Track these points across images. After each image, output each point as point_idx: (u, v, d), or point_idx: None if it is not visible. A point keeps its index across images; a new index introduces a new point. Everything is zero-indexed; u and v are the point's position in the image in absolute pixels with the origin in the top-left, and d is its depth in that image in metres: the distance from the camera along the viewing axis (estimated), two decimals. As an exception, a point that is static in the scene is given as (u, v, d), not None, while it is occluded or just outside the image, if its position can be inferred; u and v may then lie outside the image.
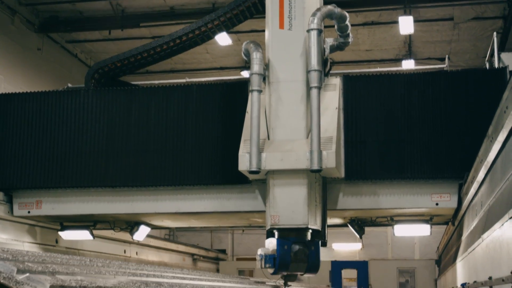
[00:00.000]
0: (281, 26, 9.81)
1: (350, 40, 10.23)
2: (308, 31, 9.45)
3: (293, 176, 9.34)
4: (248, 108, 9.73)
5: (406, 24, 17.10)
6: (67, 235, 13.02)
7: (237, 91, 11.17)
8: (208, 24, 12.06)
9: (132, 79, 14.39)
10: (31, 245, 13.09)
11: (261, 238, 9.81)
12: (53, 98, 11.81)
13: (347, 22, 9.93)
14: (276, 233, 9.38)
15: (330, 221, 11.90)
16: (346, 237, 24.94)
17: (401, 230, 12.11)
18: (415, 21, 17.36)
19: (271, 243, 9.44)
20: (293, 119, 9.56)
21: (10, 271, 3.40)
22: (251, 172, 9.36)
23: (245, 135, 9.68)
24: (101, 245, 15.81)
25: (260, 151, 9.31)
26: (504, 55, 10.70)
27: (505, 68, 10.42)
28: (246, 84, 10.49)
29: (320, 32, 9.46)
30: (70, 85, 12.70)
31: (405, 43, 20.33)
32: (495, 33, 11.32)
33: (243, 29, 17.74)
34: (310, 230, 9.41)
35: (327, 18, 9.73)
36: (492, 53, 11.18)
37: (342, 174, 10.30)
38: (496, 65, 10.69)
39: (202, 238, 28.31)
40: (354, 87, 10.74)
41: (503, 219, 5.85)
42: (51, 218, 12.48)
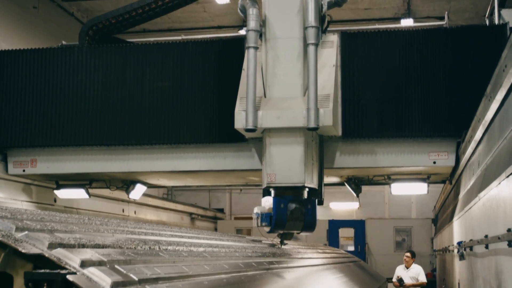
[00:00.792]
0: (278, -19, 9.60)
1: (348, -4, 10.03)
2: (305, -14, 9.25)
3: (290, 134, 9.25)
4: (245, 66, 9.61)
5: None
6: (63, 194, 13.00)
7: (233, 48, 11.02)
8: (204, -20, 11.82)
9: (129, 38, 14.19)
10: (29, 204, 13.09)
11: (259, 197, 9.77)
12: (47, 56, 11.68)
13: (345, -22, 9.71)
14: (273, 192, 9.34)
15: (327, 180, 11.86)
16: (344, 197, 24.98)
17: (398, 189, 12.07)
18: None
19: (268, 202, 9.40)
20: (290, 77, 9.43)
21: (9, 229, 3.43)
22: (247, 130, 9.27)
23: (241, 93, 9.57)
24: (99, 204, 15.84)
25: (257, 109, 9.21)
26: (505, 12, 10.49)
27: (506, 25, 10.23)
28: (243, 41, 10.32)
29: (318, -13, 9.26)
30: (64, 43, 12.53)
31: (404, 1, 20.07)
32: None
33: (241, -14, 17.40)
34: (307, 189, 9.37)
35: (325, -27, 9.52)
36: (492, 10, 10.95)
37: (339, 132, 10.20)
38: (496, 22, 10.49)
39: (200, 198, 28.42)
40: (352, 44, 10.61)
41: (500, 178, 5.80)
42: (47, 177, 12.44)
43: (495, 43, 9.86)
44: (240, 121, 9.28)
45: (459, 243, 10.12)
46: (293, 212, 9.30)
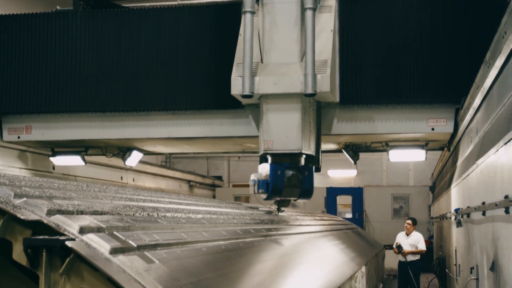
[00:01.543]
0: None
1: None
2: None
3: (287, 101, 9.18)
4: (241, 31, 9.48)
5: None
6: (58, 161, 12.94)
7: (230, 13, 10.84)
8: None
9: (125, 3, 13.99)
10: (27, 172, 13.06)
11: (257, 165, 9.75)
12: (41, 21, 11.49)
13: None
14: (270, 159, 9.30)
15: (324, 147, 11.83)
16: (342, 164, 25.03)
17: (396, 155, 12.02)
18: None
19: (264, 169, 9.37)
20: (287, 42, 9.32)
21: (7, 196, 3.44)
22: (244, 96, 9.18)
23: (238, 58, 9.45)
24: (98, 172, 15.83)
25: (253, 75, 9.12)
26: (506, -24, 10.33)
27: (507, -11, 10.08)
28: (239, 6, 10.14)
29: (316, -51, 9.08)
30: (59, 8, 12.32)
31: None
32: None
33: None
34: (304, 155, 9.33)
35: None
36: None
37: (337, 99, 10.12)
38: (498, -14, 10.35)
39: (199, 165, 28.45)
40: (351, 9, 10.46)
41: (498, 145, 5.78)
42: (42, 144, 12.36)
43: (495, 9, 9.73)
44: (237, 87, 9.18)
45: (456, 210, 10.14)
46: (290, 179, 9.28)
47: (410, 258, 13.80)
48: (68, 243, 3.16)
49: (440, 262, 16.44)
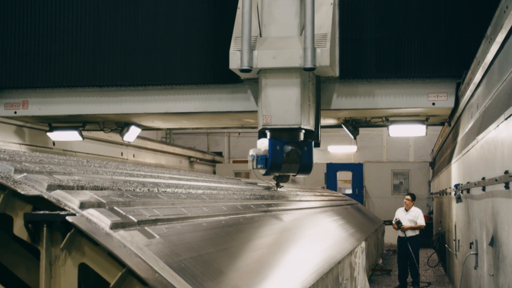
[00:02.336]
0: None
1: None
2: None
3: (286, 75, 9.10)
4: (240, 4, 9.33)
5: None
6: (56, 136, 12.87)
7: (229, -14, 10.70)
8: None
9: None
10: (27, 148, 13.00)
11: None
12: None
13: None
14: (268, 134, 9.24)
15: (324, 122, 11.78)
16: (342, 140, 25.03)
17: (396, 131, 11.95)
18: None
19: (263, 144, 9.32)
20: (286, 15, 9.20)
21: (8, 171, 3.43)
22: (242, 71, 9.09)
23: (236, 32, 9.34)
24: (98, 148, 15.80)
25: (252, 49, 9.01)
26: None
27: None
28: (238, -21, 10.00)
29: None
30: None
31: None
32: None
33: None
34: (303, 131, 9.27)
35: None
36: None
37: (337, 73, 10.03)
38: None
39: (199, 141, 28.46)
40: (351, -18, 10.31)
41: (499, 120, 5.76)
42: (39, 119, 12.28)
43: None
44: (235, 61, 9.09)
45: (456, 186, 10.14)
46: (289, 154, 9.23)
47: (410, 234, 13.83)
48: (69, 218, 3.15)
49: (440, 238, 16.53)
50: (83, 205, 3.39)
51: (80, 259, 3.20)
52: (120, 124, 12.80)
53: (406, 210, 14.04)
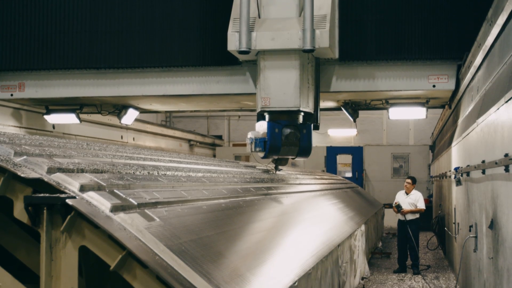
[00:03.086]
0: None
1: None
2: None
3: (285, 57, 9.03)
4: (238, -16, 9.25)
5: None
6: (53, 119, 12.79)
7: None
8: None
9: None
10: (27, 131, 12.95)
11: (257, 124, 9.63)
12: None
13: None
14: (267, 116, 9.20)
15: (323, 104, 11.72)
16: (342, 123, 24.99)
17: (396, 113, 11.89)
18: None
19: (262, 127, 9.27)
20: (286, -4, 9.11)
21: (7, 154, 3.41)
22: (241, 52, 9.02)
23: (235, 13, 9.26)
24: (97, 131, 15.77)
25: (250, 30, 8.94)
26: None
27: None
28: (237, -41, 9.89)
29: None
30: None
31: None
32: None
33: None
34: (302, 113, 9.23)
35: None
36: None
37: (336, 55, 9.95)
38: None
39: (199, 124, 28.42)
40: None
41: (499, 103, 5.73)
42: (35, 101, 12.20)
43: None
44: (233, 43, 9.02)
45: (456, 169, 10.12)
46: (288, 137, 9.18)
47: (410, 217, 13.84)
48: (69, 201, 3.15)
49: (439, 221, 16.54)
50: (83, 188, 3.40)
51: (81, 242, 3.20)
52: (118, 107, 12.73)
53: (407, 194, 14.04)
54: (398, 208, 13.83)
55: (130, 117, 12.93)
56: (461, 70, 9.67)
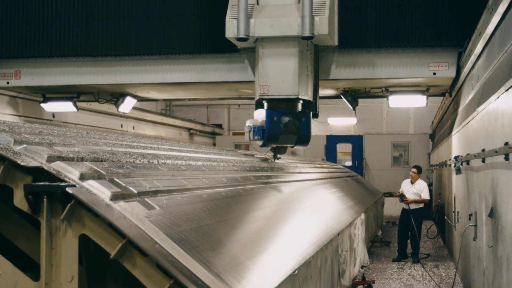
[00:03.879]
0: None
1: None
2: None
3: (283, 44, 8.98)
4: (237, -30, 9.17)
5: None
6: (50, 107, 12.71)
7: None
8: None
9: None
10: (27, 120, 12.90)
11: (257, 112, 9.58)
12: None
13: None
14: (266, 104, 9.16)
15: (322, 92, 11.67)
16: (342, 112, 24.94)
17: (396, 101, 11.81)
18: None
19: (260, 115, 9.23)
20: (284, -18, 9.04)
21: (7, 142, 3.40)
22: (239, 39, 8.96)
23: (233, 0, 9.18)
24: (97, 120, 15.73)
25: (249, 17, 8.87)
26: None
27: None
28: None
29: None
30: None
31: None
32: None
33: None
34: (301, 101, 9.18)
35: None
36: None
37: (336, 42, 9.87)
38: None
39: (199, 113, 28.39)
40: None
41: (499, 92, 5.72)
42: (32, 89, 12.10)
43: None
44: (231, 30, 8.96)
45: (456, 158, 10.10)
46: (287, 125, 9.14)
47: (413, 206, 13.81)
48: (69, 189, 3.13)
49: (439, 209, 16.55)
50: (83, 177, 3.39)
51: (81, 230, 3.19)
52: (115, 95, 12.67)
53: (412, 183, 14.02)
54: (402, 197, 13.81)
55: (128, 105, 12.87)
56: (462, 58, 9.62)
